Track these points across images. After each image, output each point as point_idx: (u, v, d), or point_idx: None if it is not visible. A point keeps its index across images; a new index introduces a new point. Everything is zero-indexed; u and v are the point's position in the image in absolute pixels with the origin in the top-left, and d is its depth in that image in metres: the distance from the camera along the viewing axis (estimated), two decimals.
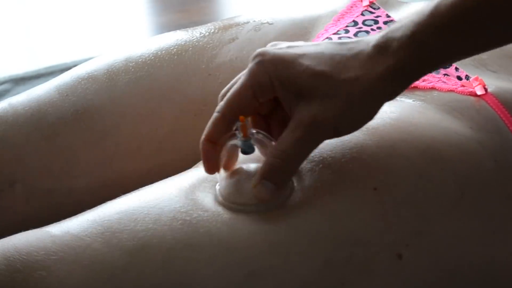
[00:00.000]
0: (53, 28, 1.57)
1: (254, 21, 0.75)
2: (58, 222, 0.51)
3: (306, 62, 0.47)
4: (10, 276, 0.45)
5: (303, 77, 0.47)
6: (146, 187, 0.54)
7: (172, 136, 0.67)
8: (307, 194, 0.49)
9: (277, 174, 0.48)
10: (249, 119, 0.52)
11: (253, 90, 0.49)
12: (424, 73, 0.48)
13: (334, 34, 0.72)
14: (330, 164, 0.50)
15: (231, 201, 0.49)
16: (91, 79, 0.68)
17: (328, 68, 0.46)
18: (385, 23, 0.73)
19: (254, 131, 0.50)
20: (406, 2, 0.79)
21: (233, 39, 0.73)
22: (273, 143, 0.50)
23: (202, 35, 0.73)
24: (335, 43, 0.49)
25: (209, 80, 0.70)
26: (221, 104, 0.50)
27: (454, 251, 0.50)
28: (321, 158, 0.51)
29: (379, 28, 0.72)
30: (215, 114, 0.50)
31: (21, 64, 1.31)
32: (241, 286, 0.46)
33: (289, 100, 0.48)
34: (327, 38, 0.71)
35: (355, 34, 0.71)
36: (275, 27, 0.75)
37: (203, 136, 0.50)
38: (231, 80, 0.70)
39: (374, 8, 0.76)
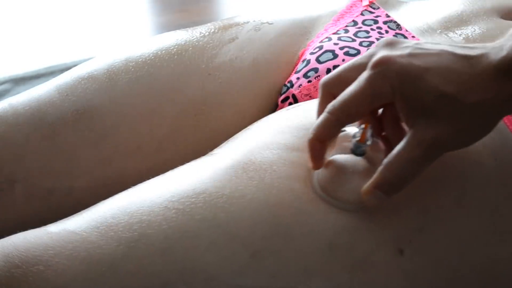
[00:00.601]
0: (53, 28, 1.57)
1: (254, 21, 0.75)
2: (56, 222, 0.51)
3: (432, 79, 0.46)
4: (9, 272, 0.46)
5: (429, 96, 0.46)
6: (138, 185, 0.54)
7: (172, 136, 0.67)
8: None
9: (390, 188, 0.48)
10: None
11: (372, 98, 0.48)
12: None
13: (333, 34, 0.72)
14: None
15: (331, 195, 0.49)
16: (91, 79, 0.68)
17: (454, 89, 0.46)
18: (385, 23, 0.73)
19: (370, 137, 0.50)
20: (406, 2, 0.80)
21: (233, 39, 0.73)
22: (381, 144, 0.51)
23: (202, 35, 0.73)
24: (456, 54, 0.48)
25: (209, 80, 0.70)
26: (334, 105, 0.49)
27: (455, 250, 0.50)
28: None
29: (378, 28, 0.72)
30: (327, 115, 0.49)
31: (21, 64, 1.31)
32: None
33: (408, 112, 0.47)
34: (326, 38, 0.72)
35: (355, 34, 0.71)
36: (275, 27, 0.75)
37: (312, 135, 0.50)
38: (231, 80, 0.70)
39: (373, 8, 0.76)
